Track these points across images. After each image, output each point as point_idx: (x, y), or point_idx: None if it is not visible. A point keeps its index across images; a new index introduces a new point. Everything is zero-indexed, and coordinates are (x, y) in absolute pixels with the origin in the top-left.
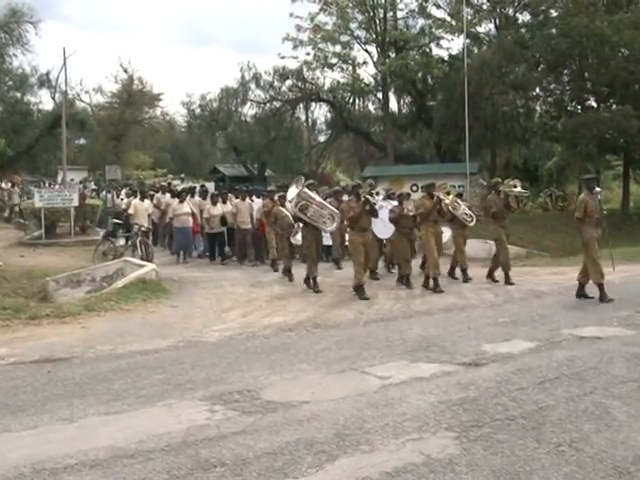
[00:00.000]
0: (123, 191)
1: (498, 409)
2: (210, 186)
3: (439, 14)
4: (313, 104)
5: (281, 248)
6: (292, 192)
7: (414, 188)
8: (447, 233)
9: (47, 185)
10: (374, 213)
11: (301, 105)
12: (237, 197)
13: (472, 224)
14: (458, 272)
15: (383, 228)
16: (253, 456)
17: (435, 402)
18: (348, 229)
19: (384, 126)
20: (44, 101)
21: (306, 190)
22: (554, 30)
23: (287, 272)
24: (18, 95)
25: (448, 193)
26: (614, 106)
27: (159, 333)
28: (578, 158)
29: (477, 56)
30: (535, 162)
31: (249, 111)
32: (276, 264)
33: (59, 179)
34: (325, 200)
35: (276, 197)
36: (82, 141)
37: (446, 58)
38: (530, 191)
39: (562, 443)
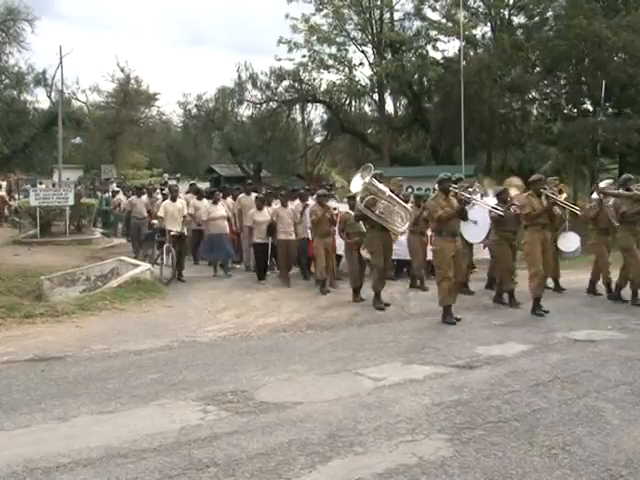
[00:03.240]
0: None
1: (491, 411)
2: (204, 186)
3: (435, 16)
4: (309, 105)
5: (350, 262)
6: (357, 183)
7: (409, 190)
8: (571, 240)
9: (51, 185)
10: (464, 216)
11: (297, 106)
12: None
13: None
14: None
15: (475, 230)
16: (246, 457)
17: (428, 404)
18: (432, 234)
19: (380, 128)
20: (40, 100)
21: (374, 181)
22: (551, 32)
23: (354, 292)
24: (14, 93)
25: (561, 191)
26: (610, 110)
27: (153, 333)
28: (573, 161)
29: (473, 58)
30: (530, 165)
31: (245, 111)
32: (325, 286)
33: (55, 178)
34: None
35: (340, 207)
36: (78, 140)
37: (442, 60)
38: None
39: (555, 446)
